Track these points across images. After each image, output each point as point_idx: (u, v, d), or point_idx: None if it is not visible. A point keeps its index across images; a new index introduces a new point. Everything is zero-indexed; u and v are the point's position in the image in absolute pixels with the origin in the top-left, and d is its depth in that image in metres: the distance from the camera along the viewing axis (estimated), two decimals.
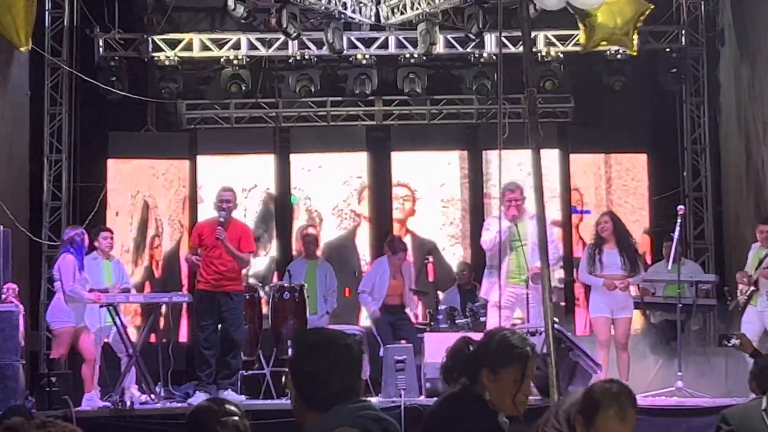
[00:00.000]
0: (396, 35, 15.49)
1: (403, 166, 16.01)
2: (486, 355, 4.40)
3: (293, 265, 13.69)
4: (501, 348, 4.38)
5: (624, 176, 15.91)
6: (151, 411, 10.39)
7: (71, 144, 14.81)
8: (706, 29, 15.48)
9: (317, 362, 3.53)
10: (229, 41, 15.50)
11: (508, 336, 4.43)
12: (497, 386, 4.35)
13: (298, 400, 3.58)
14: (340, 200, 15.86)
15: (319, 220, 15.81)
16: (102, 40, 15.22)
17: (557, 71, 15.49)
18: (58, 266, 11.43)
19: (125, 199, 15.38)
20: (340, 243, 15.77)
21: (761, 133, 13.80)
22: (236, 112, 16.12)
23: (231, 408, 3.85)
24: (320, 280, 13.53)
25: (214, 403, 3.89)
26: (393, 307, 13.09)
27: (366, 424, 3.38)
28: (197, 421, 3.83)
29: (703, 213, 15.62)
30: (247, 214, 15.31)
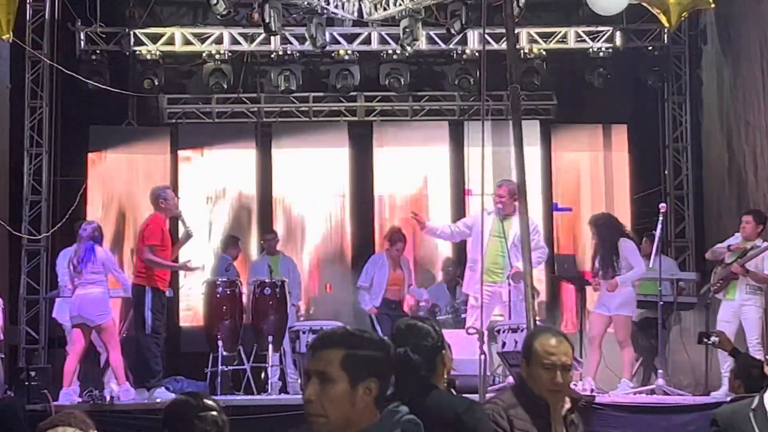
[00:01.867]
0: (378, 31, 15.47)
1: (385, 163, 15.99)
2: (437, 342, 4.66)
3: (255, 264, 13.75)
4: (435, 327, 4.70)
5: (605, 174, 15.95)
6: (130, 406, 10.34)
7: (52, 138, 14.71)
8: (689, 28, 15.49)
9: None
10: (211, 36, 15.45)
11: (422, 318, 4.89)
12: (447, 362, 4.76)
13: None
14: (323, 199, 15.86)
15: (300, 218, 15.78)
16: (83, 34, 15.14)
17: (540, 68, 15.50)
18: (101, 260, 11.29)
19: (105, 196, 15.36)
20: (325, 243, 15.77)
21: (743, 132, 13.83)
22: (218, 106, 16.09)
23: (209, 403, 3.82)
24: (284, 275, 13.49)
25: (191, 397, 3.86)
26: (393, 301, 13.14)
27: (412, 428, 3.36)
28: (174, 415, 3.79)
29: (684, 211, 15.65)
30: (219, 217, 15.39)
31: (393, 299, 13.20)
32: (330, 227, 15.81)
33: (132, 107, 15.95)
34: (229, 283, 12.30)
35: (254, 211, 15.83)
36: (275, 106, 16.19)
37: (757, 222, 11.24)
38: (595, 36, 15.48)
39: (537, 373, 4.57)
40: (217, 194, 15.88)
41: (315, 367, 3.19)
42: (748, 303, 10.99)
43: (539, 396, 4.55)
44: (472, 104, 15.77)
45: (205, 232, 15.27)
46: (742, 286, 11.01)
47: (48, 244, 14.39)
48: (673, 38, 15.55)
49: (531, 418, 4.50)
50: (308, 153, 15.93)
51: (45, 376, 11.26)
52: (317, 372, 3.18)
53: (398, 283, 13.19)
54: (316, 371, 3.19)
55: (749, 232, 11.20)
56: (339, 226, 15.84)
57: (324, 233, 15.81)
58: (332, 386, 3.17)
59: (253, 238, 15.59)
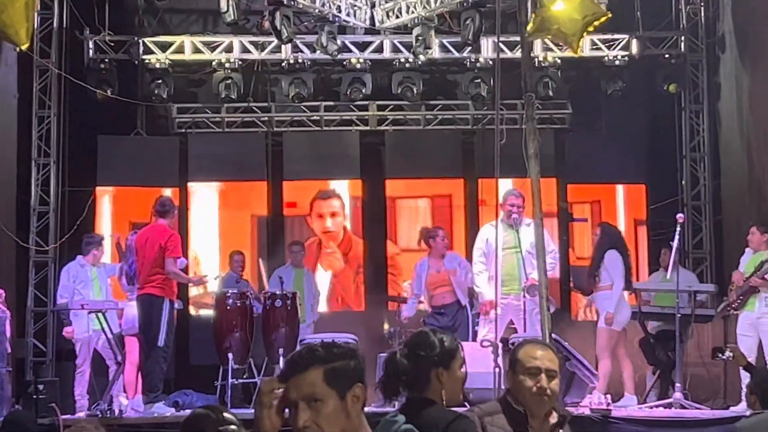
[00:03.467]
0: (391, 39, 15.52)
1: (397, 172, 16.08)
2: (435, 356, 4.54)
3: (280, 271, 13.70)
4: (442, 344, 4.57)
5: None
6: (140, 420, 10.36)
7: (60, 147, 14.79)
8: (706, 35, 15.52)
9: None
10: (221, 44, 15.51)
11: (435, 331, 4.67)
12: (450, 381, 4.52)
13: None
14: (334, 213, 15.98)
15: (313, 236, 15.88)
16: (92, 42, 15.22)
17: (554, 77, 15.53)
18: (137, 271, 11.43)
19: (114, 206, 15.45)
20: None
21: (763, 142, 13.82)
22: (228, 116, 16.12)
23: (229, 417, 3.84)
24: (308, 289, 13.53)
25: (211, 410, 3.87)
26: (444, 306, 12.69)
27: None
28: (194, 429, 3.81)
29: (701, 222, 15.65)
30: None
31: (438, 304, 12.74)
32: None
33: (141, 116, 15.99)
34: (239, 295, 12.30)
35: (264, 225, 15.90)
36: (286, 115, 16.23)
37: (762, 231, 11.30)
38: (611, 44, 15.51)
39: (521, 379, 4.61)
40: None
41: (299, 393, 3.20)
42: (766, 316, 11.01)
43: (520, 405, 4.58)
44: (485, 113, 15.80)
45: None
46: (761, 298, 11.04)
47: (56, 256, 14.44)
48: (690, 46, 15.57)
49: (511, 428, 4.54)
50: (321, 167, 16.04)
51: (53, 389, 11.30)
52: (304, 397, 3.20)
53: (442, 284, 12.74)
54: (302, 396, 3.20)
55: (756, 242, 11.28)
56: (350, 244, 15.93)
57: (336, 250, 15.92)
58: (323, 406, 3.20)
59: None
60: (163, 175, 15.61)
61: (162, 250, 11.13)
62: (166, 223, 11.37)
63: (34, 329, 14.45)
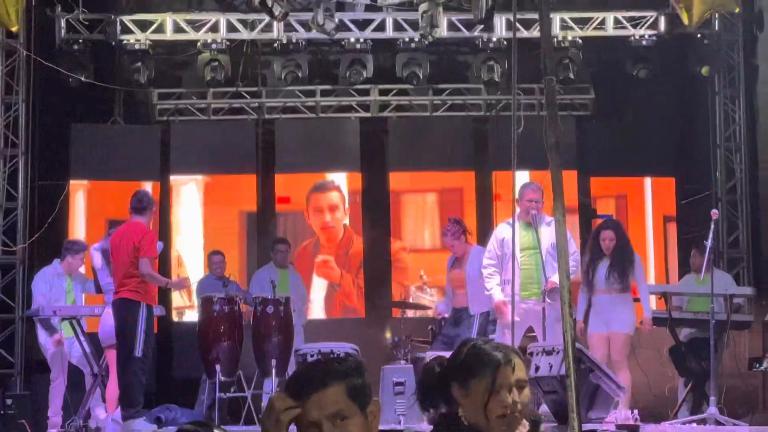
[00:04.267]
0: (394, 17, 15.51)
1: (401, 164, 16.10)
2: (454, 368, 4.39)
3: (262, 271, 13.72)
4: (468, 357, 4.37)
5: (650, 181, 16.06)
6: None
7: (29, 137, 14.78)
8: (743, 11, 15.49)
9: None
10: (206, 23, 15.49)
11: (479, 344, 4.44)
12: (469, 401, 4.32)
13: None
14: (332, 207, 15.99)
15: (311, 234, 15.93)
16: (64, 21, 15.20)
17: (576, 58, 15.51)
18: None
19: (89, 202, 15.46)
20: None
21: None
22: (214, 102, 16.16)
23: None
24: (294, 291, 13.51)
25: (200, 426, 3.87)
26: (459, 310, 12.57)
27: None
28: None
29: (737, 219, 15.64)
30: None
31: (458, 307, 12.60)
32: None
33: (118, 103, 16.03)
34: (227, 300, 12.29)
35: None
36: (278, 101, 16.27)
37: None
38: (637, 22, 15.50)
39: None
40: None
41: (324, 411, 3.23)
42: None
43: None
44: (500, 98, 15.81)
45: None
46: None
47: (24, 257, 14.43)
48: (725, 24, 15.53)
49: None
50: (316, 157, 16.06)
51: (23, 404, 11.32)
52: (329, 416, 3.22)
53: (459, 284, 12.59)
54: (327, 416, 3.22)
55: None
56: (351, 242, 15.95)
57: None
58: (351, 423, 3.24)
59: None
60: (142, 168, 15.66)
61: (136, 249, 11.15)
62: (143, 221, 11.38)
63: (0, 338, 14.42)
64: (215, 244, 14.98)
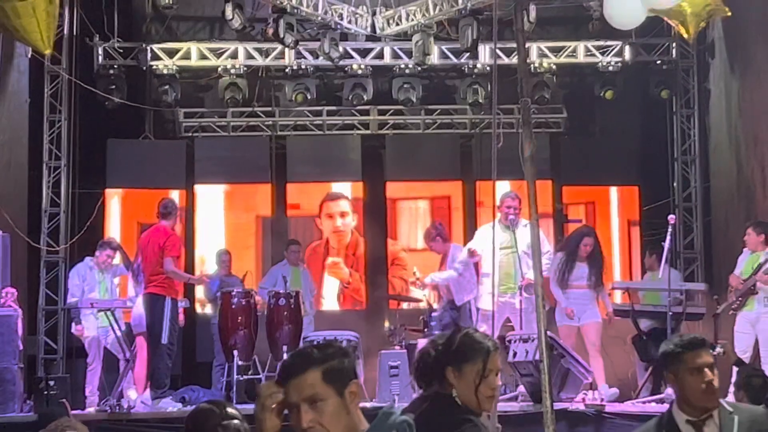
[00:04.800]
0: (391, 46, 15.52)
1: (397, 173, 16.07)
2: (448, 353, 4.42)
3: (276, 268, 13.72)
4: (462, 344, 4.40)
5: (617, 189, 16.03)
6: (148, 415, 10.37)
7: (70, 151, 14.77)
8: (697, 42, 15.46)
9: None
10: (226, 50, 15.50)
11: (470, 333, 4.47)
12: (462, 383, 4.35)
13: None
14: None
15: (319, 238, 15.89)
16: (101, 49, 15.21)
17: (550, 82, 15.53)
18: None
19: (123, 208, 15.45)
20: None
21: (751, 146, 13.82)
22: (233, 120, 16.12)
23: (232, 411, 3.83)
24: (305, 286, 13.52)
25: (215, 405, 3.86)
26: (449, 301, 12.54)
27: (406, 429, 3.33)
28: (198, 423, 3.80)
29: (692, 223, 15.63)
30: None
31: (448, 300, 12.58)
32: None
33: (149, 121, 16.00)
34: (244, 294, 12.31)
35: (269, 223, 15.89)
36: (289, 120, 16.22)
37: (757, 232, 11.30)
38: (605, 50, 15.51)
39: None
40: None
41: (301, 395, 3.20)
42: (764, 315, 11.03)
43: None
44: (483, 117, 15.79)
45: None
46: (759, 298, 11.05)
47: (66, 256, 14.42)
48: (681, 52, 15.56)
49: None
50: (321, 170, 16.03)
51: (63, 385, 11.30)
52: (306, 398, 3.20)
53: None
54: (304, 398, 3.20)
55: (753, 243, 11.27)
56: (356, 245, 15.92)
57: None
58: (325, 405, 3.20)
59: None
60: (170, 178, 15.61)
61: (161, 250, 11.18)
62: (168, 225, 11.41)
63: (45, 327, 14.43)
64: (234, 246, 14.99)
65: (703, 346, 4.48)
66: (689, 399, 4.45)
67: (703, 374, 4.41)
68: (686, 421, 4.45)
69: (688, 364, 4.43)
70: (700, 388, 4.41)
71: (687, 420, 4.45)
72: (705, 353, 4.46)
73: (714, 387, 4.43)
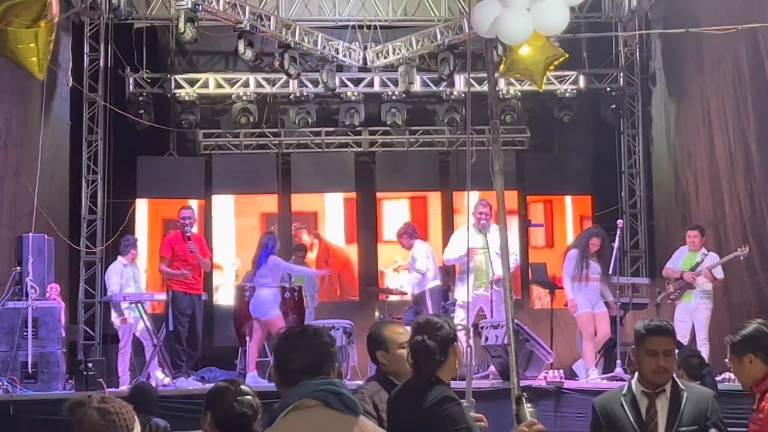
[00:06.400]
0: (380, 76, 15.52)
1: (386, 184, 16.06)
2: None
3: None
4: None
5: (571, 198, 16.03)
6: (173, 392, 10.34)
7: (105, 166, 14.76)
8: (641, 72, 15.55)
9: (287, 344, 3.49)
10: (239, 80, 15.49)
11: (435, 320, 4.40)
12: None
13: (275, 377, 3.54)
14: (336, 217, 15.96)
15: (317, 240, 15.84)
16: (132, 79, 15.20)
17: (515, 106, 15.55)
18: (275, 263, 11.62)
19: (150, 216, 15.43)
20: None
21: (687, 160, 13.88)
22: (245, 139, 16.10)
23: (245, 388, 3.83)
24: (308, 283, 13.48)
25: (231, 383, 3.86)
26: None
27: (326, 397, 3.24)
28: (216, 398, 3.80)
29: (638, 226, 15.66)
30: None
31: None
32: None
33: (173, 140, 15.95)
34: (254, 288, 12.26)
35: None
36: (293, 139, 16.20)
37: (702, 235, 11.35)
38: (562, 79, 15.54)
39: (397, 355, 4.55)
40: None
41: None
42: (701, 306, 11.08)
43: (398, 379, 4.48)
44: (458, 137, 15.79)
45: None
46: (696, 292, 11.10)
47: (102, 256, 14.41)
48: (627, 81, 15.60)
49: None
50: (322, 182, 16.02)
51: (100, 367, 11.29)
52: None
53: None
54: None
55: (697, 244, 11.29)
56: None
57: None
58: None
59: None
60: (191, 189, 15.60)
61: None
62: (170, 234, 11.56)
63: (84, 317, 14.41)
64: (245, 247, 14.94)
65: (663, 333, 4.44)
66: (643, 375, 4.47)
67: (657, 357, 4.40)
68: (642, 392, 4.46)
69: (646, 346, 4.43)
70: (652, 368, 4.42)
71: (643, 391, 4.47)
72: (664, 340, 4.43)
73: (664, 369, 4.42)
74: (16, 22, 4.98)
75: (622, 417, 4.46)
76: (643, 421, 4.42)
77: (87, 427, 3.13)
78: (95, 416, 3.14)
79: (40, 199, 11.11)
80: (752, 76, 11.63)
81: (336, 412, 3.23)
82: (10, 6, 4.92)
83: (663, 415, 4.41)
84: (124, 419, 3.18)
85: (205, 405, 3.81)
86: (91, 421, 3.13)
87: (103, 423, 3.13)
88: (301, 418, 3.21)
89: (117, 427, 3.14)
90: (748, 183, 11.87)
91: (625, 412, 4.46)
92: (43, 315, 10.63)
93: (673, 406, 4.42)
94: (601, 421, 4.54)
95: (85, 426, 3.14)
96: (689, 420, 4.35)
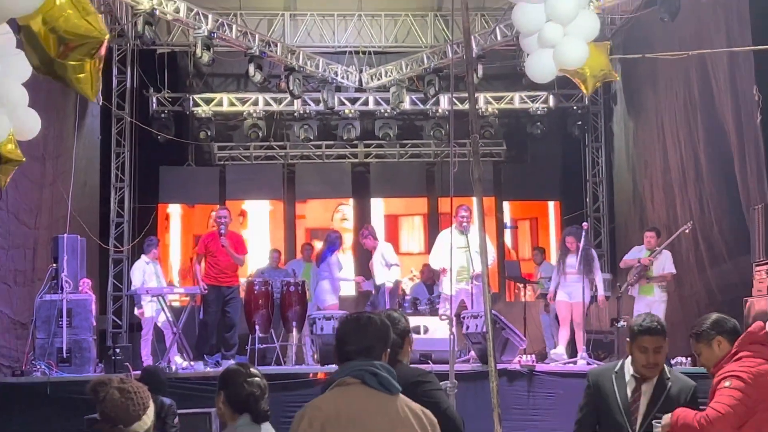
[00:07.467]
0: (374, 95, 15.55)
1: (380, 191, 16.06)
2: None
3: (293, 263, 13.65)
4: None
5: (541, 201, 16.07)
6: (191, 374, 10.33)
7: (131, 175, 14.76)
8: (604, 92, 15.58)
9: (344, 329, 3.50)
10: (250, 99, 15.52)
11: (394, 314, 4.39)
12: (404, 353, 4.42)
13: (335, 355, 3.53)
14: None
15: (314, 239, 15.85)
16: (155, 98, 15.22)
17: (493, 123, 15.59)
18: (329, 261, 11.97)
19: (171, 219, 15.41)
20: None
21: (643, 169, 13.91)
22: (255, 152, 16.12)
23: (254, 371, 3.85)
24: (314, 277, 13.45)
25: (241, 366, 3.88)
26: (377, 286, 12.54)
27: (364, 376, 3.32)
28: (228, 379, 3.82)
29: (601, 228, 15.70)
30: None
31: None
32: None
33: (191, 152, 15.99)
34: (263, 282, 12.26)
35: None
36: (297, 151, 16.23)
37: (658, 236, 11.34)
38: (534, 98, 15.58)
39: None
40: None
41: None
42: (659, 299, 11.06)
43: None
44: (443, 149, 15.82)
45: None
46: (655, 286, 11.06)
47: (128, 255, 14.40)
48: (592, 100, 15.64)
49: None
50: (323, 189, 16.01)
51: (126, 352, 11.27)
52: None
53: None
54: None
55: (653, 243, 11.27)
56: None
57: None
58: None
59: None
60: (207, 196, 15.61)
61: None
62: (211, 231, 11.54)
63: (112, 308, 14.41)
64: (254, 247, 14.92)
65: (653, 333, 4.40)
66: (635, 367, 4.49)
67: (648, 354, 4.40)
68: (632, 375, 4.48)
69: (638, 343, 4.42)
70: (642, 363, 4.43)
71: (632, 375, 4.49)
72: (655, 339, 4.39)
73: (654, 364, 4.42)
74: (72, 56, 5.23)
75: (609, 392, 4.49)
76: (628, 401, 4.44)
77: (108, 404, 3.18)
78: (116, 395, 3.18)
79: (74, 204, 11.11)
80: (701, 96, 11.67)
81: (372, 389, 3.30)
82: (67, 43, 5.13)
83: (646, 398, 4.43)
84: (141, 397, 3.22)
85: (218, 385, 3.83)
86: (111, 399, 3.17)
87: (122, 401, 3.17)
88: (341, 393, 3.31)
89: (134, 403, 3.18)
90: (697, 190, 11.91)
91: (613, 388, 4.48)
92: (76, 306, 10.61)
93: (656, 394, 4.43)
94: (591, 389, 4.56)
95: (107, 403, 3.18)
96: (667, 408, 4.35)
